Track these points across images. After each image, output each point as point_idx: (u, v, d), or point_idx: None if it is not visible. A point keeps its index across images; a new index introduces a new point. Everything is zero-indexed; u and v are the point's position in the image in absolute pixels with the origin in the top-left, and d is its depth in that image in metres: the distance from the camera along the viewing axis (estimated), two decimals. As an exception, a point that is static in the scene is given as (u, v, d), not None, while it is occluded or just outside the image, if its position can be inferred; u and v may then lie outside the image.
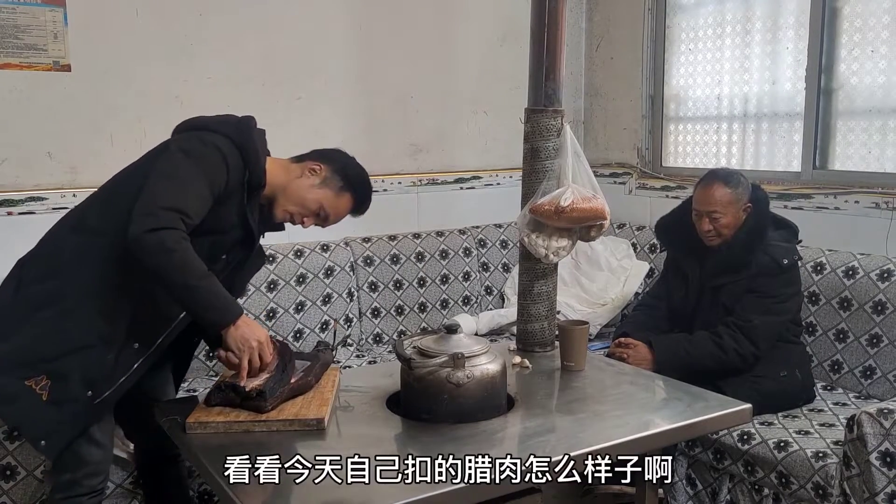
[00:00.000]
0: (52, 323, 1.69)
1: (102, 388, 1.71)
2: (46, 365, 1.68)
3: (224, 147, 1.73)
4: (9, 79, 2.60)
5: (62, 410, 1.68)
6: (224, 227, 1.77)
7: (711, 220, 2.44)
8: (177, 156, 1.71)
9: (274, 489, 1.45)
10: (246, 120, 1.83)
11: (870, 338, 2.57)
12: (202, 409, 1.72)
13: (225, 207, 1.75)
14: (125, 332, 1.72)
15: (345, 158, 1.94)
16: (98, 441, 1.80)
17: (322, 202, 1.86)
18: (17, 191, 2.64)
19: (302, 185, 1.85)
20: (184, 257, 1.61)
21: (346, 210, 1.92)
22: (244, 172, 1.76)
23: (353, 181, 1.90)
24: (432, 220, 3.43)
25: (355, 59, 3.24)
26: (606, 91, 3.81)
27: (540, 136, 2.24)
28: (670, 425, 1.72)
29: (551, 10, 2.21)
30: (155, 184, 1.67)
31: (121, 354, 1.72)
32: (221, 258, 1.81)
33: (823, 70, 2.93)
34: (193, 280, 1.62)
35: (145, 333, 1.76)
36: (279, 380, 1.72)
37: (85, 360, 1.69)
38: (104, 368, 1.71)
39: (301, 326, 2.95)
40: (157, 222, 1.60)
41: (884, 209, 2.71)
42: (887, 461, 1.90)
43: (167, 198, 1.64)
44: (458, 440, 1.61)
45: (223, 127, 1.78)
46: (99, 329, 1.70)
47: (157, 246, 1.59)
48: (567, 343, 2.09)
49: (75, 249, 1.74)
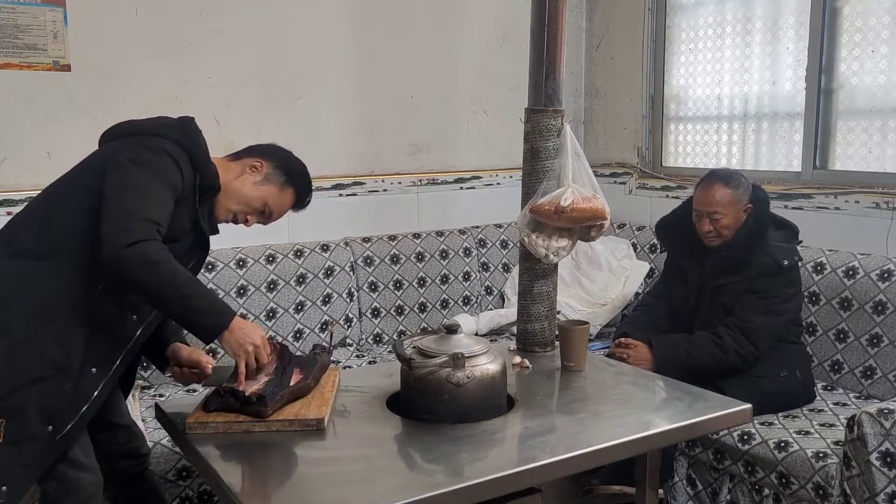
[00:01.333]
0: (1, 357, 1.56)
1: (65, 420, 1.60)
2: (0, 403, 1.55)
3: (173, 151, 1.68)
4: (9, 79, 2.60)
5: (21, 451, 1.56)
6: (177, 235, 1.69)
7: (712, 220, 2.44)
8: (129, 168, 1.62)
9: (274, 489, 1.45)
10: (188, 121, 1.77)
11: (870, 338, 2.57)
12: (202, 409, 1.72)
13: (177, 213, 1.67)
14: (81, 357, 1.61)
15: (284, 153, 1.90)
16: (84, 464, 1.70)
17: (266, 199, 1.82)
18: (17, 191, 2.64)
19: (244, 183, 1.80)
20: (170, 267, 1.55)
21: (289, 205, 1.88)
22: (195, 176, 1.71)
23: (294, 175, 1.86)
24: (432, 220, 3.43)
25: (355, 59, 3.24)
26: (606, 91, 3.81)
27: (540, 136, 2.24)
28: (670, 425, 1.72)
29: (551, 10, 2.21)
30: (118, 199, 1.58)
31: (80, 382, 1.61)
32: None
33: (823, 70, 2.93)
34: (186, 289, 1.57)
35: (102, 357, 1.65)
36: (279, 383, 1.71)
37: (41, 393, 1.57)
38: (63, 399, 1.60)
39: (301, 326, 2.95)
40: (133, 236, 1.52)
41: (884, 209, 2.71)
42: (887, 461, 1.90)
43: (137, 210, 1.57)
44: (458, 440, 1.60)
45: (167, 131, 1.72)
46: (52, 358, 1.58)
47: (140, 260, 1.52)
48: (567, 343, 2.09)
49: (18, 276, 1.61)
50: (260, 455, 1.57)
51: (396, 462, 1.58)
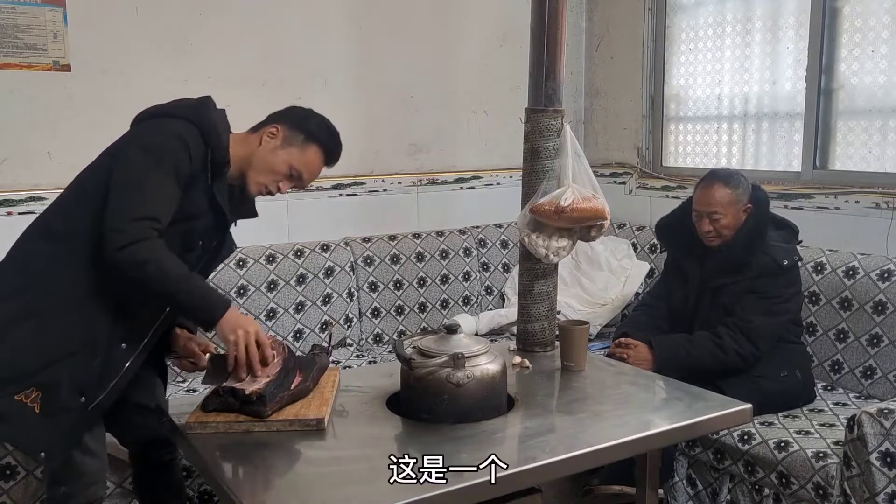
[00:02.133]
0: (32, 336, 1.65)
1: (95, 392, 1.68)
2: (33, 378, 1.64)
3: (183, 131, 1.70)
4: (9, 79, 2.60)
5: (57, 421, 1.65)
6: (194, 213, 1.73)
7: (711, 220, 2.44)
8: (136, 155, 1.68)
9: (274, 489, 1.45)
10: (203, 100, 1.81)
11: (870, 338, 2.57)
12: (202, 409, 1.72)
13: (192, 192, 1.71)
14: (108, 334, 1.69)
15: (301, 112, 1.89)
16: (92, 450, 1.77)
17: (290, 162, 1.81)
18: (17, 191, 2.64)
19: (265, 151, 1.81)
20: (158, 266, 1.60)
21: (318, 162, 1.86)
22: (206, 152, 1.72)
23: (314, 132, 1.84)
24: (432, 220, 3.43)
25: (355, 59, 3.24)
26: (606, 91, 3.81)
27: (540, 136, 2.24)
28: (670, 425, 1.72)
29: (551, 10, 2.21)
30: (118, 194, 1.64)
31: (109, 357, 1.69)
32: (198, 245, 1.80)
33: (823, 70, 2.93)
34: (172, 286, 1.62)
35: (131, 333, 1.73)
36: (280, 384, 1.71)
37: (72, 368, 1.65)
38: (93, 373, 1.68)
39: (301, 326, 2.95)
40: (125, 238, 1.59)
41: (884, 209, 2.71)
42: (888, 461, 1.90)
43: (132, 208, 1.62)
44: (458, 440, 1.60)
45: (180, 110, 1.76)
46: (81, 335, 1.66)
47: (131, 262, 1.59)
48: (567, 343, 2.09)
49: (45, 257, 1.70)
50: (260, 455, 1.57)
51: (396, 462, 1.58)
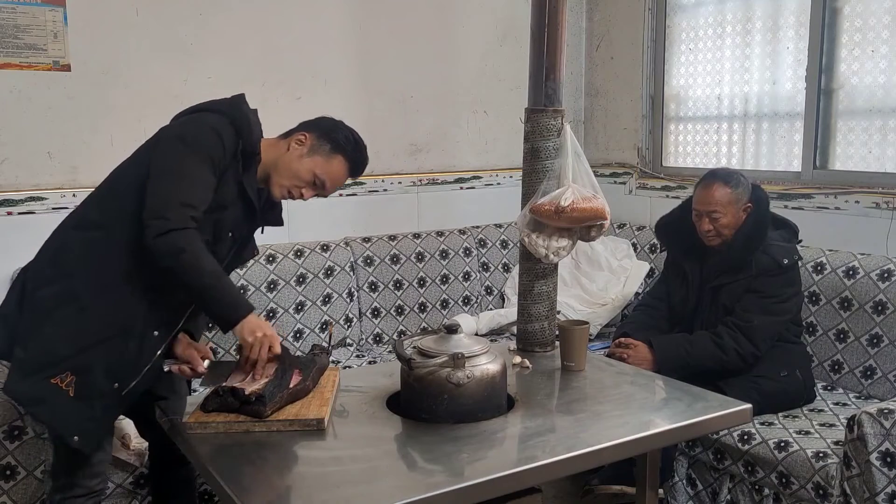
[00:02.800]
0: (70, 321, 1.70)
1: (128, 378, 1.73)
2: (68, 362, 1.69)
3: (216, 123, 1.75)
4: (9, 79, 2.60)
5: (91, 405, 1.70)
6: (224, 203, 1.78)
7: (711, 220, 2.44)
8: (173, 146, 1.73)
9: (274, 489, 1.45)
10: (237, 96, 1.86)
11: (870, 338, 2.57)
12: (202, 409, 1.72)
13: (223, 182, 1.76)
14: (143, 320, 1.73)
15: (330, 122, 1.93)
16: (100, 442, 1.80)
17: (314, 170, 1.86)
18: (17, 191, 2.64)
19: (291, 157, 1.86)
20: (194, 257, 1.64)
21: (342, 173, 1.91)
22: (237, 143, 1.77)
23: (341, 143, 1.89)
24: (432, 220, 3.43)
25: (355, 59, 3.24)
26: (606, 91, 3.81)
27: (540, 136, 2.24)
28: (670, 425, 1.72)
29: (551, 10, 2.21)
30: (158, 183, 1.69)
31: (143, 343, 1.74)
32: (228, 235, 1.84)
33: (823, 70, 2.93)
34: (207, 279, 1.66)
35: (164, 320, 1.77)
36: (278, 384, 1.71)
37: (106, 353, 1.70)
38: (126, 359, 1.72)
39: (301, 326, 2.95)
40: (166, 224, 1.63)
41: (884, 209, 2.71)
42: (888, 461, 1.90)
43: (173, 195, 1.67)
44: (458, 440, 1.61)
45: (214, 105, 1.82)
46: (116, 320, 1.71)
47: (170, 249, 1.63)
48: (567, 343, 2.09)
49: (81, 246, 1.75)
50: (260, 455, 1.57)
51: (396, 462, 1.58)
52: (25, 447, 2.07)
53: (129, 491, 2.20)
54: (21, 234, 2.55)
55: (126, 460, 2.17)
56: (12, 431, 2.06)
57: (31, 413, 1.89)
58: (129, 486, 2.20)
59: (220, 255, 1.81)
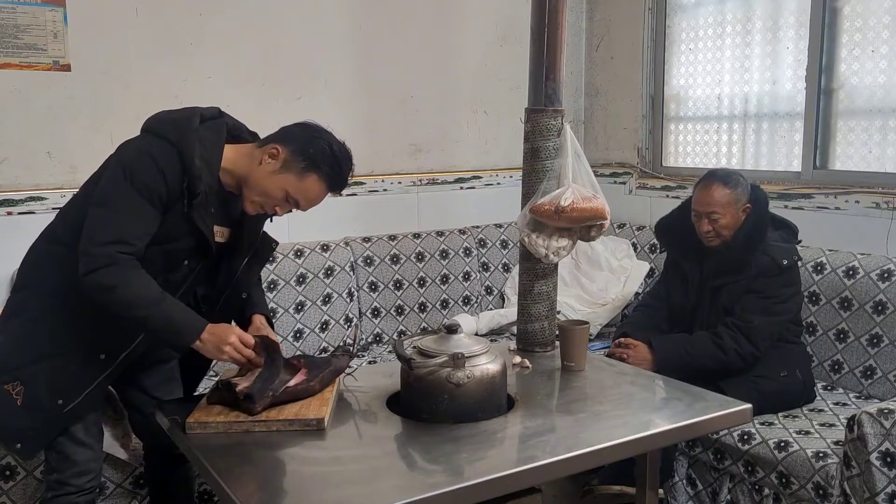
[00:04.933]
0: (21, 331, 1.72)
1: (71, 397, 1.72)
2: (18, 371, 1.70)
3: (160, 154, 1.63)
4: (9, 79, 2.60)
5: (34, 417, 1.71)
6: (173, 236, 1.70)
7: (711, 220, 2.44)
8: (115, 176, 1.64)
9: (274, 489, 1.45)
10: (190, 116, 1.70)
11: (870, 338, 2.57)
12: (202, 409, 1.72)
13: (170, 215, 1.67)
14: (88, 343, 1.72)
15: (308, 133, 1.74)
16: (83, 441, 1.81)
17: (286, 188, 1.71)
18: (17, 191, 2.64)
19: (262, 172, 1.71)
20: (125, 292, 1.60)
21: (317, 191, 1.75)
22: (182, 180, 1.65)
23: (316, 159, 1.71)
24: (432, 220, 3.43)
25: (355, 59, 3.24)
26: (606, 91, 3.81)
27: (540, 136, 2.24)
28: (670, 425, 1.72)
29: (551, 10, 2.20)
30: (91, 216, 1.64)
31: (85, 365, 1.72)
32: (183, 264, 1.77)
33: (823, 70, 2.93)
34: (142, 311, 1.62)
35: (111, 345, 1.74)
36: (266, 378, 1.71)
37: (49, 369, 1.70)
38: (68, 378, 1.72)
39: (301, 326, 2.95)
40: (92, 263, 1.59)
41: (884, 209, 2.71)
42: (888, 461, 1.90)
43: (101, 232, 1.61)
44: (458, 440, 1.60)
45: (165, 128, 1.68)
46: (62, 339, 1.71)
47: (97, 287, 1.60)
48: (567, 343, 2.08)
49: (44, 259, 1.75)
50: (260, 455, 1.57)
51: (396, 462, 1.58)
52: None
53: (129, 491, 2.20)
54: (21, 234, 2.51)
55: (126, 460, 2.17)
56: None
57: None
58: (129, 486, 2.20)
59: (173, 282, 1.74)
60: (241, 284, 1.91)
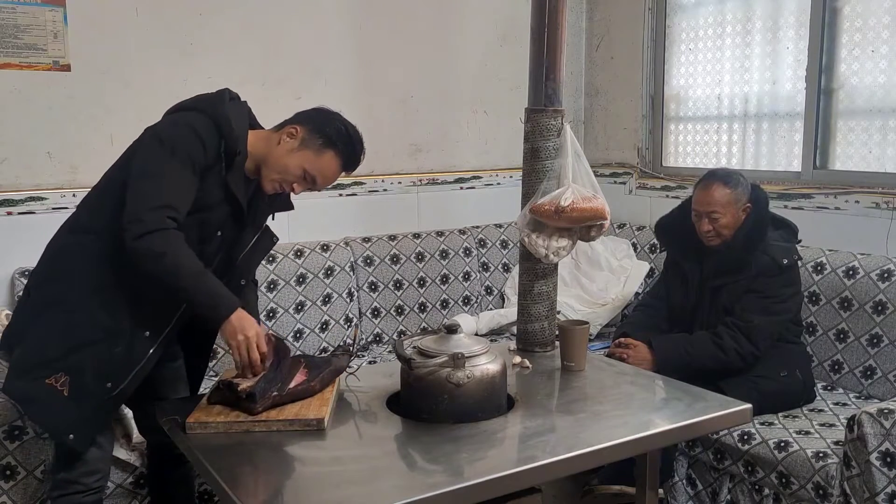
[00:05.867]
0: (58, 322, 1.73)
1: (120, 379, 1.75)
2: (60, 363, 1.71)
3: (196, 122, 1.72)
4: (9, 79, 2.60)
5: (83, 405, 1.73)
6: (209, 204, 1.76)
7: (711, 220, 2.44)
8: (152, 148, 1.71)
9: (274, 489, 1.45)
10: (219, 93, 1.81)
11: (870, 338, 2.57)
12: (202, 409, 1.72)
13: (207, 183, 1.74)
14: (130, 323, 1.74)
15: (324, 115, 1.86)
16: (96, 441, 1.82)
17: (303, 165, 1.80)
18: (17, 191, 2.64)
19: (281, 151, 1.80)
20: (174, 259, 1.64)
21: (334, 168, 1.84)
22: (220, 143, 1.73)
23: (333, 138, 1.82)
24: (432, 220, 3.43)
25: (355, 59, 3.24)
26: (606, 91, 3.81)
27: (540, 136, 2.24)
28: (670, 425, 1.72)
29: (551, 10, 2.20)
30: (136, 186, 1.68)
31: (132, 345, 1.75)
32: (216, 235, 1.82)
33: (823, 70, 2.93)
34: (184, 281, 1.66)
35: (153, 321, 1.77)
36: (271, 379, 1.71)
37: (95, 355, 1.72)
38: (116, 360, 1.74)
39: (301, 326, 2.95)
40: (143, 227, 1.62)
41: (884, 209, 2.71)
42: (888, 461, 1.90)
43: (150, 198, 1.65)
44: (458, 440, 1.60)
45: (196, 103, 1.78)
46: (102, 323, 1.73)
47: (148, 253, 1.62)
48: (567, 343, 2.08)
49: (72, 249, 1.77)
50: (260, 455, 1.57)
51: (396, 462, 1.58)
52: (25, 447, 2.07)
53: (129, 491, 2.20)
54: (21, 234, 2.55)
55: (126, 460, 2.17)
56: (12, 431, 2.06)
57: (26, 412, 1.92)
58: (129, 486, 2.20)
59: (207, 254, 1.80)
60: (241, 271, 1.94)
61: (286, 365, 1.78)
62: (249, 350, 1.72)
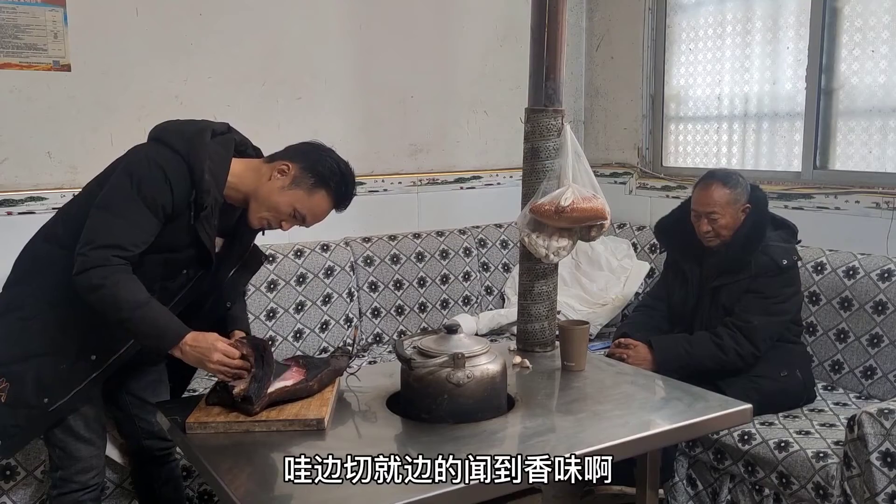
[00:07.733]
0: (11, 328, 1.73)
1: (58, 396, 1.73)
2: (4, 368, 1.71)
3: (169, 167, 1.65)
4: (9, 79, 2.60)
5: (17, 414, 1.72)
6: (175, 246, 1.72)
7: (710, 220, 2.44)
8: (121, 182, 1.66)
9: (274, 489, 1.45)
10: (202, 130, 1.72)
11: (870, 338, 2.57)
12: (202, 409, 1.72)
13: (174, 226, 1.70)
14: (79, 343, 1.73)
15: (317, 153, 1.80)
16: (85, 437, 1.82)
17: (294, 204, 1.75)
18: (17, 191, 2.64)
19: (272, 188, 1.74)
20: (112, 292, 1.61)
21: (324, 207, 1.79)
22: (190, 193, 1.67)
23: (325, 176, 1.76)
24: (432, 220, 3.43)
25: (355, 59, 3.24)
26: (606, 91, 3.81)
27: (540, 136, 2.24)
28: (670, 425, 1.72)
29: (551, 10, 2.20)
30: (93, 217, 1.66)
31: (75, 365, 1.73)
32: (182, 273, 1.79)
33: (824, 70, 2.93)
34: (125, 313, 1.61)
35: (102, 347, 1.75)
36: (262, 378, 1.71)
37: (38, 368, 1.71)
38: (57, 377, 1.72)
39: (301, 326, 2.95)
40: (84, 263, 1.61)
41: (884, 209, 2.71)
42: (888, 461, 1.90)
43: (100, 234, 1.63)
44: (458, 440, 1.60)
45: (177, 139, 1.70)
46: (52, 338, 1.72)
47: (86, 286, 1.61)
48: (567, 343, 2.08)
49: (41, 258, 1.76)
50: (260, 455, 1.57)
51: (396, 462, 1.57)
52: (25, 447, 2.07)
53: (129, 491, 2.20)
54: (21, 234, 2.51)
55: (122, 464, 2.17)
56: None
57: None
58: (129, 486, 2.19)
59: (170, 290, 1.77)
60: (227, 293, 1.92)
61: (269, 357, 1.75)
62: (227, 364, 1.68)
